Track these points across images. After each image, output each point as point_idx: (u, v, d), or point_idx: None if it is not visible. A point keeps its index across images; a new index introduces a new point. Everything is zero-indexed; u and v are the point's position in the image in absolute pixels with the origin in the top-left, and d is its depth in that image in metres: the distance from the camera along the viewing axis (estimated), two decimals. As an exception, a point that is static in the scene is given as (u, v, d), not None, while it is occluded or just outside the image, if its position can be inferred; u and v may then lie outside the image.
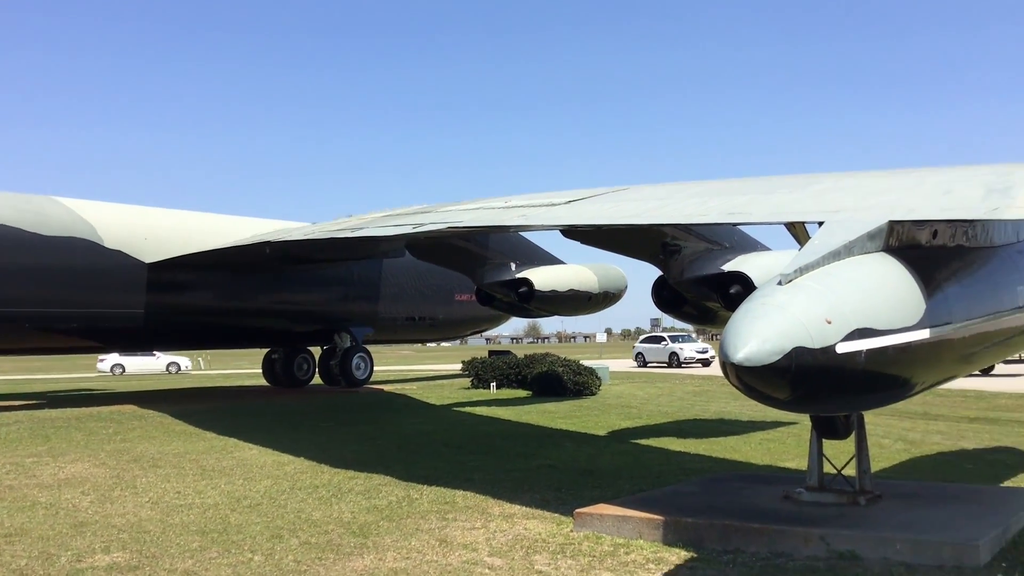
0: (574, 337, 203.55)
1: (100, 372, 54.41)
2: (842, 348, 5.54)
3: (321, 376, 30.90)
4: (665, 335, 58.14)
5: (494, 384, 28.75)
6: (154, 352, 53.39)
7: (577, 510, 8.65)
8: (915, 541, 7.06)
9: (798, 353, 5.37)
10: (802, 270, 5.86)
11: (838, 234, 6.30)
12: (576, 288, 23.43)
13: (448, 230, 11.50)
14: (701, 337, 69.31)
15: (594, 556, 7.56)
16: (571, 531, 8.42)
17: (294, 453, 14.40)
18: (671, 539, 7.86)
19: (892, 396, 6.48)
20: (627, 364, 54.39)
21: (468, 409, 22.98)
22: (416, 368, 51.10)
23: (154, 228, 24.70)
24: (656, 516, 8.08)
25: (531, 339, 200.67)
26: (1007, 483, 11.14)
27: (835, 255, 6.06)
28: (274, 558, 7.76)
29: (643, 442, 15.79)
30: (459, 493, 10.59)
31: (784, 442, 15.44)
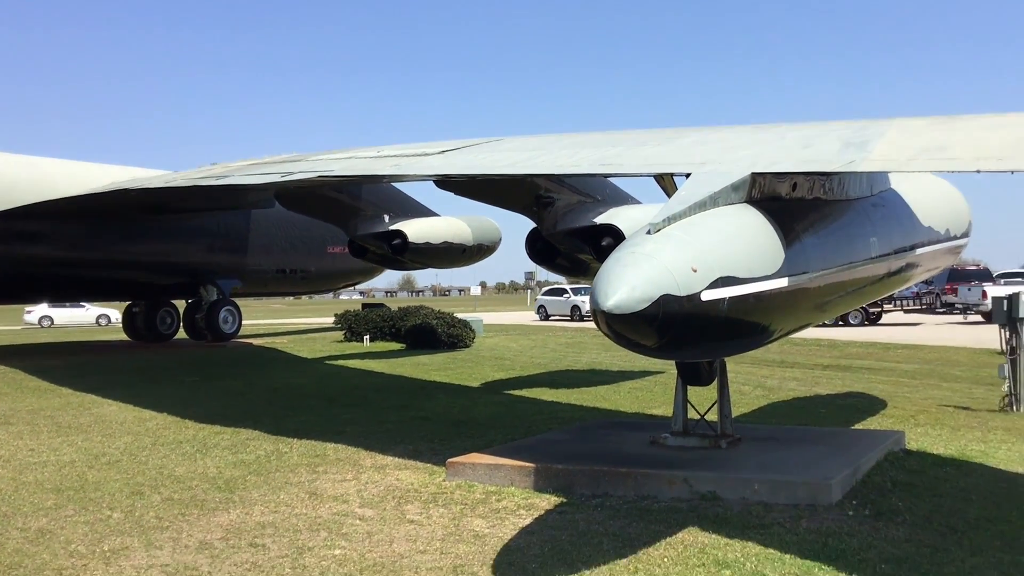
0: (448, 291, 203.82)
1: (27, 324, 52.10)
2: (707, 295, 5.67)
3: (186, 330, 29.94)
4: (568, 287, 56.48)
5: (367, 337, 28.50)
6: (83, 304, 51.84)
7: (449, 460, 8.67)
8: (772, 481, 7.38)
9: (665, 300, 5.46)
10: (670, 220, 5.95)
11: (704, 185, 6.42)
12: (450, 240, 23.28)
13: (318, 180, 11.19)
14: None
15: (466, 504, 7.60)
16: (443, 480, 8.44)
17: (156, 408, 13.92)
18: (542, 485, 7.98)
19: (753, 342, 6.71)
20: (503, 317, 54.72)
21: (341, 362, 22.73)
22: (288, 322, 50.12)
23: (1, 175, 23.20)
24: (527, 463, 8.18)
25: (406, 292, 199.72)
26: (858, 426, 11.78)
27: (701, 206, 6.18)
28: (134, 515, 7.48)
29: (516, 393, 15.96)
30: (330, 446, 10.46)
31: (652, 391, 15.88)
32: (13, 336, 38.22)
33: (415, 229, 22.22)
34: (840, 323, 37.67)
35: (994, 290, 35.82)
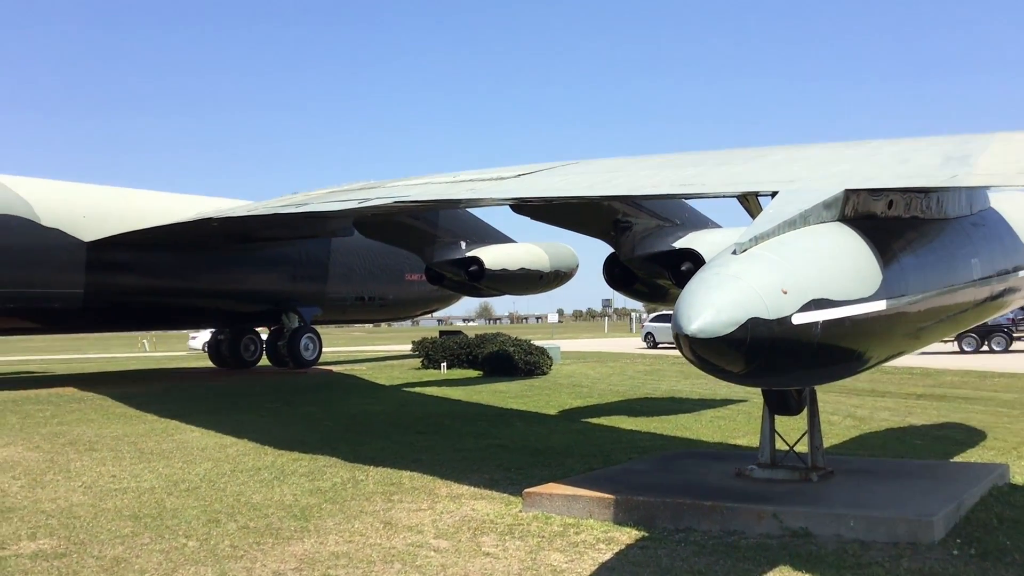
0: (526, 318, 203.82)
1: (191, 350, 53.73)
2: (798, 319, 5.36)
3: (268, 357, 30.34)
4: None
5: (444, 364, 28.49)
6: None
7: (526, 490, 8.42)
8: (869, 518, 6.95)
9: (754, 324, 5.17)
10: (757, 239, 5.66)
11: (793, 203, 6.11)
12: (527, 267, 23.18)
13: (394, 206, 11.16)
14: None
15: (543, 536, 7.34)
16: (520, 511, 8.20)
17: (237, 435, 14.00)
18: (622, 518, 7.68)
19: (846, 369, 6.33)
20: (580, 344, 54.28)
21: (418, 389, 22.70)
22: (367, 349, 50.59)
23: (93, 206, 23.94)
24: (606, 495, 7.89)
25: (483, 320, 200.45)
26: (957, 458, 11.16)
27: (790, 224, 5.87)
28: (209, 543, 7.42)
29: (593, 421, 15.64)
30: (406, 474, 10.32)
31: (735, 419, 15.39)
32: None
33: (492, 255, 22.19)
34: (985, 350, 37.48)
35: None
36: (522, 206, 12.29)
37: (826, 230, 6.06)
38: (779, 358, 5.41)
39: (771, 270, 5.43)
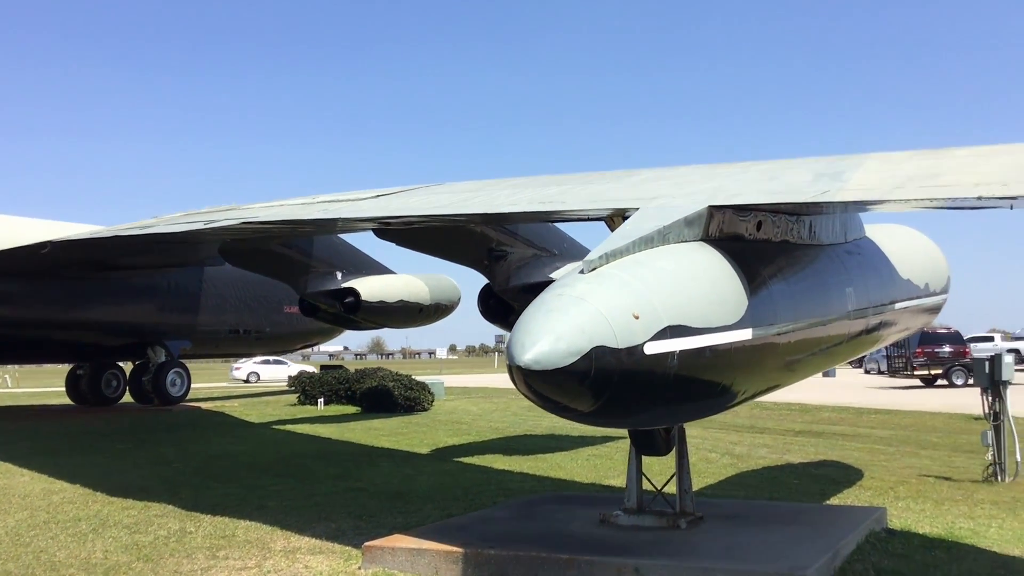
0: (419, 353, 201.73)
1: (235, 379, 52.36)
2: (651, 348, 4.68)
3: (132, 394, 28.50)
4: None
5: (322, 400, 27.22)
6: (284, 360, 53.83)
7: (366, 543, 7.49)
8: (738, 572, 6.29)
9: (599, 354, 4.47)
10: (608, 257, 4.98)
11: (652, 220, 5.48)
12: (406, 299, 22.29)
13: (241, 226, 10.18)
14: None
15: (378, 599, 6.45)
16: (359, 568, 7.28)
17: (70, 479, 12.63)
18: (471, 575, 6.85)
19: (711, 406, 5.71)
20: (466, 379, 53.28)
21: (289, 427, 21.46)
22: (247, 385, 48.53)
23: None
24: (455, 548, 7.05)
25: (375, 355, 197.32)
26: (833, 499, 10.74)
27: (647, 241, 5.22)
28: (-19, 615, 6.27)
29: (466, 460, 14.80)
30: (243, 524, 9.25)
31: (612, 458, 14.78)
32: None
33: (369, 287, 21.23)
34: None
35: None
36: (385, 231, 11.46)
37: (687, 250, 5.45)
38: (630, 393, 4.72)
39: (622, 292, 4.75)
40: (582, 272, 4.90)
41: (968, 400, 28.58)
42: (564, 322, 4.47)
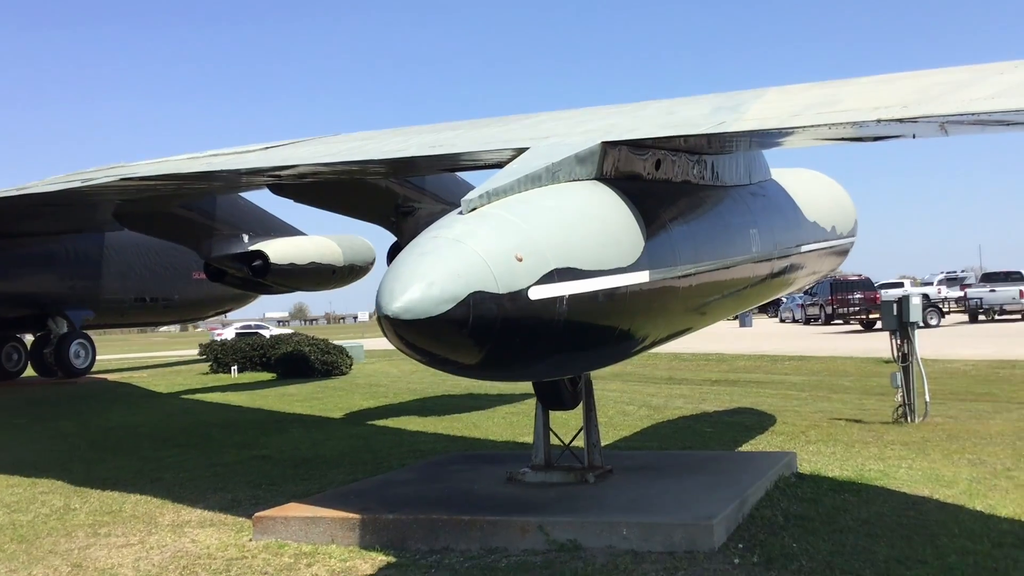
0: (343, 318, 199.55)
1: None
2: (536, 293, 4.33)
3: (34, 367, 27.29)
4: None
5: (235, 368, 26.44)
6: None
7: (257, 514, 7.06)
8: (643, 524, 6.06)
9: (478, 300, 4.10)
10: (490, 196, 4.60)
11: (541, 158, 5.10)
12: (317, 261, 21.56)
13: (120, 183, 9.51)
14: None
15: (266, 573, 6.05)
16: (249, 540, 6.86)
17: (-47, 458, 11.89)
18: (369, 541, 6.49)
19: (610, 354, 5.41)
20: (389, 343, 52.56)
21: (198, 396, 20.74)
22: (161, 354, 47.14)
23: None
24: (352, 515, 6.68)
25: (299, 321, 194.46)
26: (745, 446, 10.68)
27: (534, 180, 4.85)
28: None
29: (380, 423, 14.41)
30: (133, 499, 8.73)
31: (530, 415, 14.49)
32: None
33: (278, 249, 20.47)
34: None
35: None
36: (281, 186, 10.88)
37: (578, 188, 5.10)
38: (516, 343, 4.37)
39: (504, 232, 4.38)
40: (461, 213, 4.53)
41: (879, 344, 29.32)
42: (438, 266, 4.09)
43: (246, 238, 20.51)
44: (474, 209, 4.52)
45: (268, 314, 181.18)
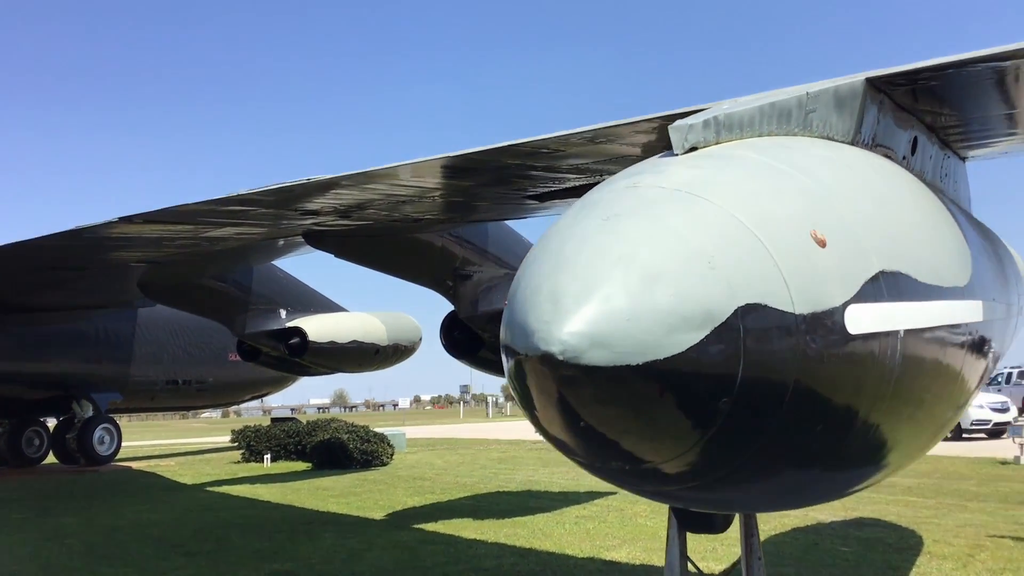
0: (383, 405, 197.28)
1: None
2: (857, 318, 2.16)
3: (55, 453, 25.44)
4: None
5: (268, 456, 24.35)
6: None
7: None
8: None
9: (755, 324, 1.95)
10: (720, 126, 2.50)
11: (783, 93, 2.97)
12: (360, 339, 19.59)
13: (118, 224, 7.59)
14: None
15: None
16: None
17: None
18: None
19: (919, 447, 3.17)
20: (431, 431, 50.31)
21: (225, 488, 18.66)
22: (195, 441, 45.22)
23: None
24: None
25: (339, 407, 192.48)
26: (912, 573, 8.25)
27: (782, 115, 2.74)
28: None
29: (428, 527, 12.15)
30: (108, 638, 6.57)
31: (605, 520, 12.22)
32: None
33: (317, 326, 18.57)
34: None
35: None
36: (321, 234, 8.92)
37: (855, 153, 2.94)
38: (813, 424, 2.17)
39: (780, 189, 2.24)
40: (676, 154, 2.41)
41: (977, 444, 26.39)
42: (664, 244, 1.97)
43: (283, 313, 18.72)
44: (694, 148, 2.40)
45: (313, 400, 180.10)
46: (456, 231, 10.97)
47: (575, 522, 12.16)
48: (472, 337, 11.99)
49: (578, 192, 6.75)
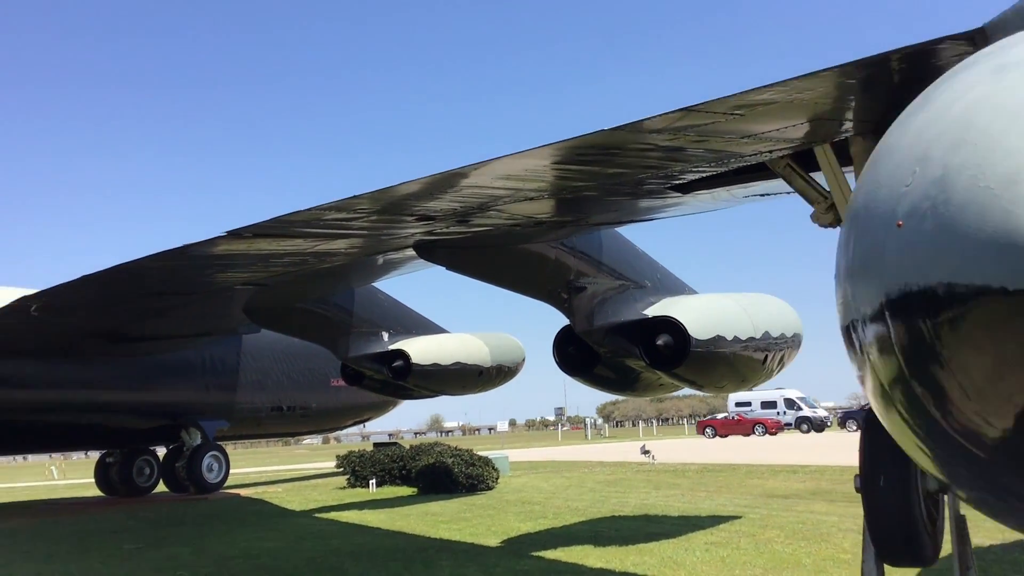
0: (478, 429, 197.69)
1: None
2: None
3: (165, 482, 25.68)
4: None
5: (373, 482, 24.10)
6: None
7: None
8: None
9: None
10: None
11: None
12: (463, 361, 19.16)
13: (227, 243, 7.25)
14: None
15: None
16: None
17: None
18: None
19: None
20: (531, 453, 49.60)
21: (333, 515, 18.37)
22: (299, 467, 45.59)
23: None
24: None
25: (435, 432, 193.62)
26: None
27: None
28: None
29: (548, 555, 11.52)
30: None
31: (738, 546, 11.39)
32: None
33: (420, 348, 18.25)
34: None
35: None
36: (433, 246, 8.46)
37: None
38: None
39: None
40: None
41: None
42: None
43: (386, 336, 18.46)
44: None
45: (406, 426, 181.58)
46: (569, 242, 10.46)
47: (705, 549, 11.36)
48: (586, 352, 11.43)
49: (727, 179, 6.10)
